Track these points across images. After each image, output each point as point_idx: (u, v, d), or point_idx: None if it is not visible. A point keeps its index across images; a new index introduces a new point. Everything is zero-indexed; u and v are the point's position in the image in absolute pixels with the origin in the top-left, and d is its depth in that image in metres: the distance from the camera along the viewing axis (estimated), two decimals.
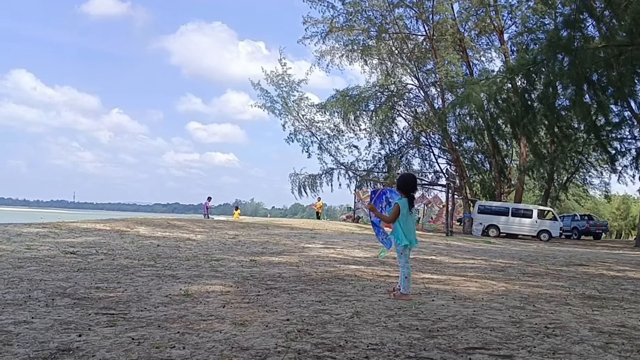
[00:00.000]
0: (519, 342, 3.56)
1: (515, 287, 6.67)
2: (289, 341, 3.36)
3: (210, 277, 6.35)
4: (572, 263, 11.43)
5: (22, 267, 6.45)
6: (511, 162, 37.70)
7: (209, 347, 3.15)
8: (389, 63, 36.54)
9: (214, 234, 14.27)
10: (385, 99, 36.28)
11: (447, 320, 4.23)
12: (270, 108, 34.89)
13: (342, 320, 4.09)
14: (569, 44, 22.61)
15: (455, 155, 35.68)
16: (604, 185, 39.40)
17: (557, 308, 5.13)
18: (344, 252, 10.96)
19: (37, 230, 11.67)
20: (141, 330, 3.52)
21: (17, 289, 4.94)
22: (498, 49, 33.92)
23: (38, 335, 3.29)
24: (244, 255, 9.33)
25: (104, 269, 6.70)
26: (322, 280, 6.54)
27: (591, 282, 7.74)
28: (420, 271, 8.10)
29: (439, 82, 34.00)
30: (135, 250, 9.33)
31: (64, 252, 8.32)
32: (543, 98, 26.53)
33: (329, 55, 35.60)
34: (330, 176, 36.90)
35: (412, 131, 39.04)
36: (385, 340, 3.50)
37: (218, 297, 4.95)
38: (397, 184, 5.63)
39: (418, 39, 35.58)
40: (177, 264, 7.55)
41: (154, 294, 4.97)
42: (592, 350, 3.41)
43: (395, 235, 5.43)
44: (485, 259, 11.56)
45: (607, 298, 6.12)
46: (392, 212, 5.43)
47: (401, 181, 5.65)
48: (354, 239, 15.76)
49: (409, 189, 5.50)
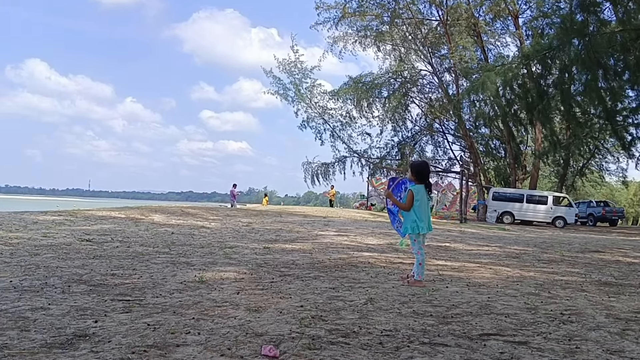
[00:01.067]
0: (534, 329, 3.54)
1: (530, 274, 6.63)
2: (303, 327, 3.36)
3: (224, 264, 6.38)
4: (587, 250, 11.33)
5: (38, 254, 6.53)
6: (526, 148, 37.29)
7: (223, 333, 3.16)
8: (403, 49, 36.13)
9: (227, 222, 14.33)
10: (399, 86, 35.97)
11: (462, 307, 4.22)
12: (283, 95, 34.80)
13: (356, 307, 4.09)
14: (583, 28, 22.23)
15: (469, 142, 35.36)
16: (621, 171, 38.90)
17: (572, 295, 5.09)
18: (357, 240, 10.96)
19: (53, 218, 11.80)
20: (156, 316, 3.55)
21: (34, 275, 5.00)
22: (513, 34, 33.44)
23: (55, 321, 3.33)
24: (258, 243, 9.36)
25: (120, 256, 6.76)
26: (335, 267, 6.55)
27: (607, 269, 7.67)
28: (434, 258, 8.08)
29: (453, 67, 33.60)
30: (150, 237, 9.40)
31: (79, 239, 8.41)
32: (558, 84, 26.18)
33: (342, 41, 35.28)
34: (343, 164, 36.74)
35: (425, 118, 38.69)
36: (399, 326, 3.49)
37: (232, 284, 4.98)
38: (411, 170, 5.60)
39: (432, 24, 35.15)
40: (192, 251, 7.59)
41: (169, 281, 5.01)
42: (609, 337, 3.38)
43: (406, 224, 5.43)
44: (499, 245, 11.49)
45: (624, 285, 6.07)
46: (407, 198, 5.41)
47: (417, 167, 5.63)
48: (367, 226, 15.75)
49: (424, 175, 5.53)
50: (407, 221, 5.43)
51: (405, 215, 5.46)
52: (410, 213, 5.37)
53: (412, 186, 5.41)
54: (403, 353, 2.88)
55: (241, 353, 2.79)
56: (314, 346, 2.95)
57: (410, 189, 5.38)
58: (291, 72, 34.06)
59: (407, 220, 5.42)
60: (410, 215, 5.38)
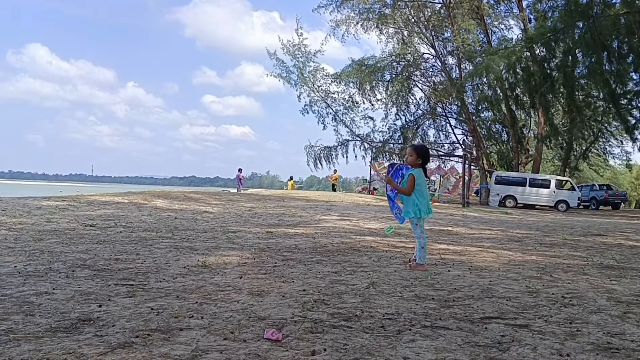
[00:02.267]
0: (535, 312, 3.56)
1: (532, 258, 6.65)
2: (305, 311, 3.39)
3: (227, 249, 6.41)
4: (589, 233, 11.34)
5: (42, 239, 6.56)
6: (529, 131, 37.19)
7: (226, 317, 3.19)
8: (405, 32, 35.88)
9: (230, 207, 14.36)
10: (402, 69, 35.80)
11: (463, 290, 4.23)
12: (286, 78, 34.63)
13: (358, 291, 4.11)
14: (588, 10, 22.04)
15: (472, 126, 35.26)
16: (625, 155, 38.79)
17: (574, 278, 5.10)
18: (359, 224, 10.98)
19: (56, 203, 11.84)
20: (160, 301, 3.57)
21: (38, 261, 5.03)
22: (516, 17, 33.18)
23: (59, 305, 3.36)
24: (261, 227, 9.39)
25: (123, 241, 6.79)
26: (338, 251, 6.57)
27: (609, 252, 7.68)
28: (436, 242, 8.10)
29: (456, 51, 33.41)
30: (153, 222, 9.43)
31: (83, 224, 8.44)
32: (562, 67, 26.02)
33: (344, 24, 35.02)
34: (345, 148, 36.70)
35: (428, 102, 38.60)
36: (401, 310, 3.51)
37: (235, 268, 5.00)
38: (417, 152, 5.45)
39: (435, 6, 34.87)
40: (195, 236, 7.62)
41: (172, 265, 5.03)
42: (610, 320, 3.39)
43: (407, 208, 5.39)
44: (501, 229, 11.51)
45: (625, 268, 6.08)
46: (407, 183, 5.36)
47: (423, 151, 5.55)
48: (370, 210, 15.77)
49: (427, 159, 5.52)
50: (407, 205, 5.40)
51: (406, 199, 5.42)
52: (411, 197, 5.33)
53: (413, 170, 5.37)
54: (405, 336, 2.90)
55: (244, 337, 2.81)
56: (316, 330, 2.98)
57: (412, 173, 5.34)
58: (295, 55, 33.88)
59: (408, 205, 5.39)
60: (411, 199, 5.35)
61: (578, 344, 2.86)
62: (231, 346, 2.65)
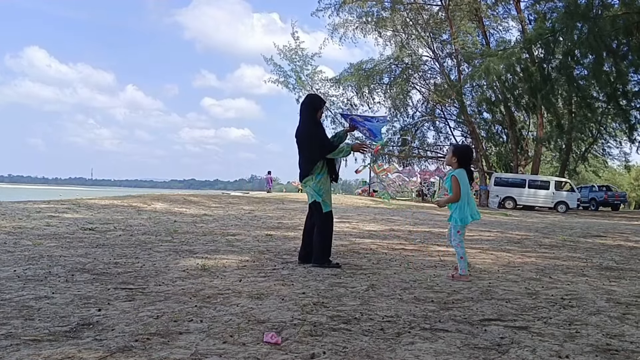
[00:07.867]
0: (534, 314, 3.56)
1: (531, 259, 6.65)
2: (304, 314, 3.39)
3: (226, 252, 6.41)
4: (589, 234, 11.34)
5: (41, 243, 6.55)
6: (528, 133, 37.19)
7: (226, 320, 3.19)
8: (404, 35, 35.91)
9: (230, 210, 14.36)
10: (400, 72, 35.80)
11: (463, 293, 4.24)
12: (284, 83, 34.53)
13: (358, 293, 4.11)
14: (587, 11, 22.08)
15: (471, 128, 35.26)
16: (624, 156, 38.76)
17: (573, 279, 5.11)
18: (359, 226, 10.98)
19: (56, 207, 11.83)
20: (159, 304, 3.57)
21: (38, 265, 5.02)
22: (515, 18, 33.19)
23: (59, 310, 3.36)
24: (260, 230, 9.39)
25: (122, 244, 6.78)
26: (337, 254, 6.56)
27: (608, 254, 7.69)
28: (435, 244, 8.11)
29: (454, 53, 33.45)
30: (153, 226, 9.43)
31: (82, 228, 8.44)
32: (561, 67, 26.05)
33: (343, 27, 34.99)
34: None
35: (427, 104, 38.63)
36: (401, 312, 3.51)
37: (234, 272, 5.00)
38: (454, 153, 5.11)
39: (433, 9, 34.92)
40: (194, 239, 7.62)
41: (171, 269, 5.03)
42: (609, 321, 3.40)
43: (454, 214, 4.97)
44: (501, 231, 11.51)
45: (625, 269, 6.08)
46: (452, 187, 4.93)
47: (461, 152, 5.17)
48: (369, 212, 15.77)
49: (467, 160, 5.17)
50: (456, 212, 4.95)
51: (453, 205, 4.95)
52: (460, 202, 4.88)
53: (454, 171, 4.97)
54: (404, 339, 2.90)
55: (243, 340, 2.81)
56: (316, 333, 2.98)
57: (454, 175, 4.92)
58: (292, 59, 33.83)
59: (455, 210, 4.96)
60: (458, 205, 4.90)
61: (577, 345, 2.86)
62: (230, 350, 2.66)
